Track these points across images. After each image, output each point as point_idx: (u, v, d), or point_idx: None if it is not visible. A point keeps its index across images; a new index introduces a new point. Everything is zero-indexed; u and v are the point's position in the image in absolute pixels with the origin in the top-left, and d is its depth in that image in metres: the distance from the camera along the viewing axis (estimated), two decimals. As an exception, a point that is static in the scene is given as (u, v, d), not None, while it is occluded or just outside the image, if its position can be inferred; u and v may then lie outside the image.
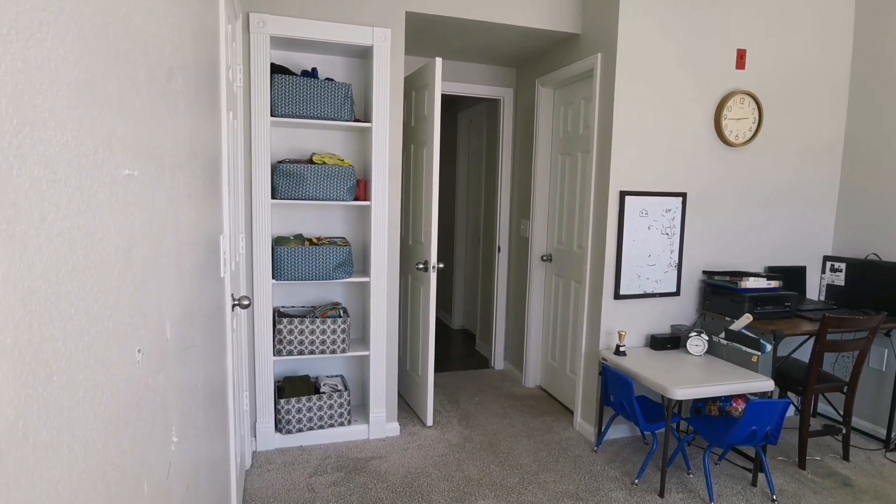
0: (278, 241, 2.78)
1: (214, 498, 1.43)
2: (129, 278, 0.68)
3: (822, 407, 3.41)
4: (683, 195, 2.98)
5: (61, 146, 0.49)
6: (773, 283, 2.87)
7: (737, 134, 3.01)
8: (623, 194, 2.86)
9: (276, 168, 2.71)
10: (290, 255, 2.72)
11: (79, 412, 0.52)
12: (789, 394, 3.35)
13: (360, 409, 3.14)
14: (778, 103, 3.11)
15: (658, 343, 2.93)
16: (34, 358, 0.43)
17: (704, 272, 3.08)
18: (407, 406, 3.42)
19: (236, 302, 1.91)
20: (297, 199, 2.72)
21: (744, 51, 2.98)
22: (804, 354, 3.27)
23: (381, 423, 2.98)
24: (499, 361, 4.22)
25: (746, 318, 2.70)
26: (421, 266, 3.10)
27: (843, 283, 3.19)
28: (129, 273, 0.68)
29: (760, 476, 2.65)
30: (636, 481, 2.58)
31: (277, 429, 2.85)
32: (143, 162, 0.76)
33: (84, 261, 0.54)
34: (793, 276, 3.24)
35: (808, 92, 3.18)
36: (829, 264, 3.28)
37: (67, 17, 0.50)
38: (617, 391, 2.63)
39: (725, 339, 2.79)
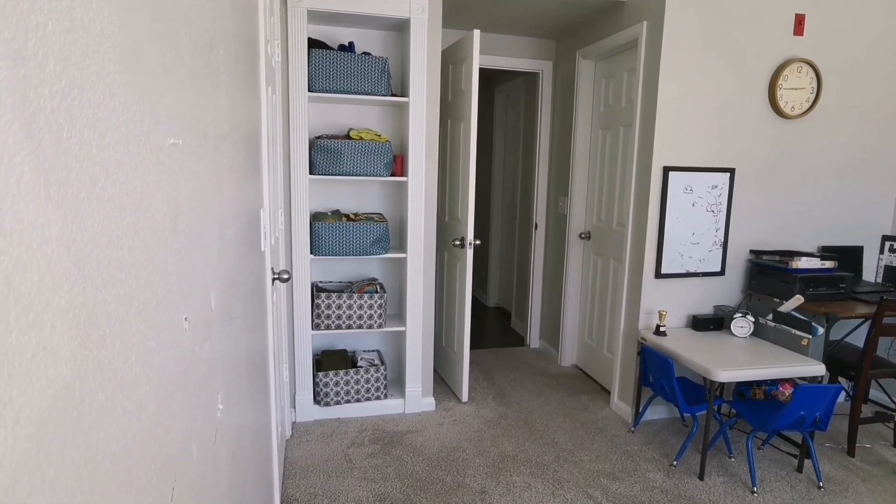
0: (316, 217, 2.80)
1: (257, 464, 1.48)
2: (175, 247, 0.69)
3: (874, 393, 3.27)
4: (731, 171, 2.85)
5: (109, 111, 0.49)
6: (828, 264, 2.73)
7: (792, 105, 2.85)
8: (666, 170, 2.76)
9: (313, 143, 2.73)
10: (327, 230, 2.74)
11: (132, 375, 0.53)
12: (840, 379, 3.22)
13: (396, 383, 3.18)
14: (838, 72, 2.92)
15: (700, 324, 2.84)
16: (88, 321, 0.44)
17: (752, 251, 2.96)
18: (442, 382, 3.44)
19: (276, 276, 1.94)
20: (335, 175, 2.73)
21: (802, 16, 2.79)
22: (857, 339, 3.13)
23: (417, 397, 3.01)
24: (534, 339, 4.20)
25: (797, 300, 2.58)
26: (457, 242, 3.08)
27: (903, 265, 3.02)
28: (175, 241, 0.69)
29: (807, 462, 2.56)
30: (675, 463, 2.54)
31: (316, 401, 2.92)
32: (187, 132, 0.76)
33: (133, 227, 0.54)
34: (848, 257, 3.08)
35: (870, 60, 2.96)
36: (888, 244, 3.10)
37: (112, -22, 0.50)
38: (656, 372, 2.57)
39: (773, 321, 2.68)
